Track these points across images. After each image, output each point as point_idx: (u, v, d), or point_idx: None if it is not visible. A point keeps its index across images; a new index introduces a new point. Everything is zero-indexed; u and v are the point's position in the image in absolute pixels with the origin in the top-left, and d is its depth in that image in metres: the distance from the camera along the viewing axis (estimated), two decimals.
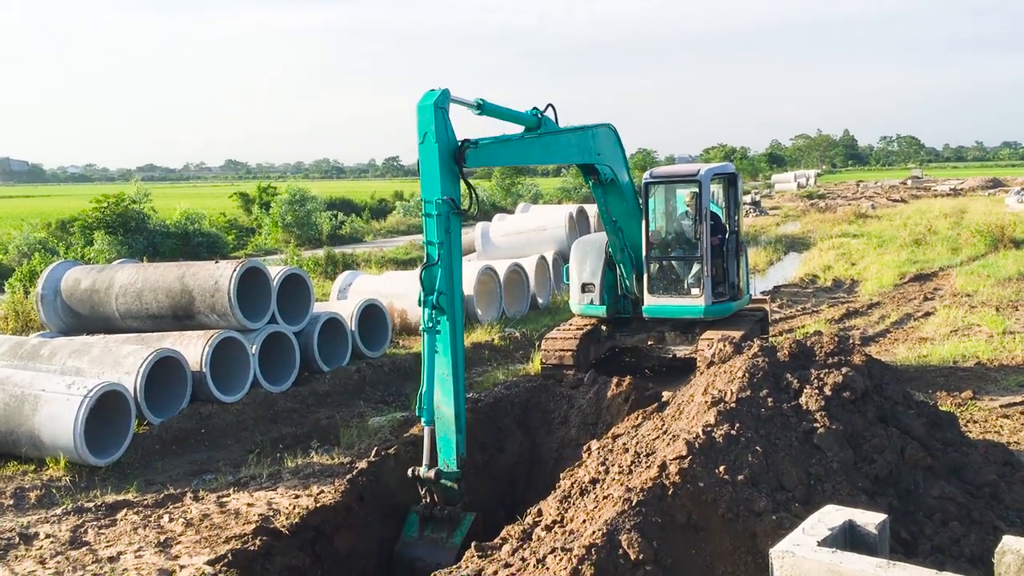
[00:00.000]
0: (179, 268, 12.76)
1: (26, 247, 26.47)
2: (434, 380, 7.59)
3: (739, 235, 12.58)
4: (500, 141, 8.84)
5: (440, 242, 7.63)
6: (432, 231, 7.68)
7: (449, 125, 7.73)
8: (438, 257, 7.64)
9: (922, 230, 30.70)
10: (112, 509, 8.35)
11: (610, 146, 11.23)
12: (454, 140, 7.74)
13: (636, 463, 5.90)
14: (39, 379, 10.11)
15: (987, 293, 17.80)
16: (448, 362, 7.58)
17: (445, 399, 7.53)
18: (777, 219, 44.17)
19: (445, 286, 7.64)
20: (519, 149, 9.46)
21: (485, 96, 8.75)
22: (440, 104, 7.58)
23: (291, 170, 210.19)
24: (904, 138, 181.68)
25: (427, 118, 7.56)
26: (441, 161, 7.60)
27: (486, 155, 8.38)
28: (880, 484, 5.58)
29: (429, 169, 7.66)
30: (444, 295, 7.64)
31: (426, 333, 7.63)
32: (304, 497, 8.32)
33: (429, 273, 7.66)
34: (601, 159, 10.98)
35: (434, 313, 7.62)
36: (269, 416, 11.73)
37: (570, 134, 10.47)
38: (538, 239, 21.61)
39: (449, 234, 7.65)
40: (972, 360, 12.38)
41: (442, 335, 7.62)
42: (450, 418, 7.47)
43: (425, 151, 7.65)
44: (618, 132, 11.49)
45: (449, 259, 7.68)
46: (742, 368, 6.33)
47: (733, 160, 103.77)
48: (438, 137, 7.56)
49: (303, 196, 36.56)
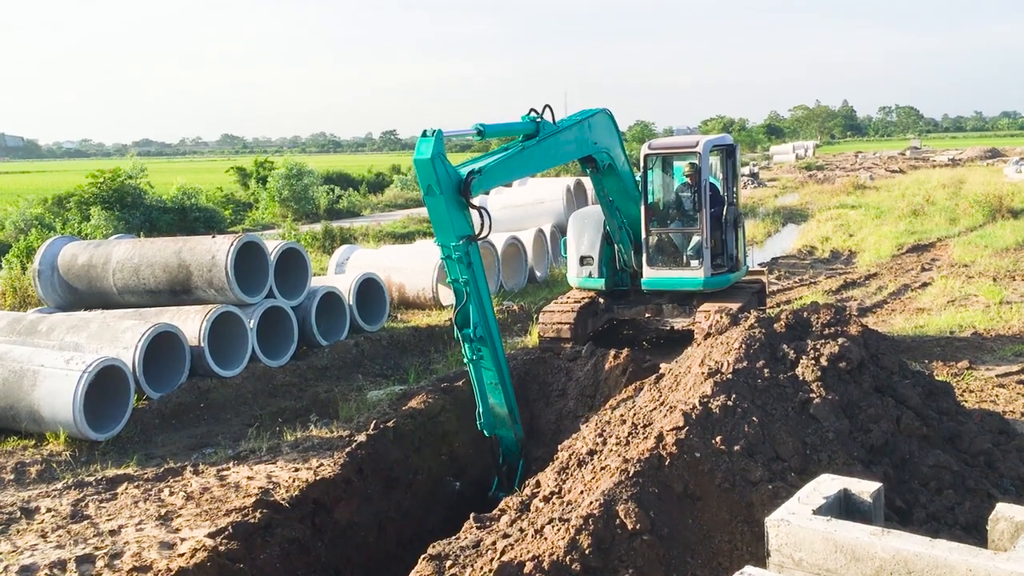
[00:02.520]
0: (176, 243, 12.74)
1: (23, 223, 26.38)
2: (487, 394, 8.18)
3: (737, 207, 12.55)
4: (501, 161, 8.82)
5: (465, 279, 7.84)
6: (454, 271, 7.87)
7: (449, 167, 7.74)
8: (466, 295, 7.85)
9: (920, 201, 30.67)
10: (112, 483, 8.39)
11: (606, 132, 11.18)
12: (456, 177, 7.74)
13: (633, 434, 5.93)
14: (38, 354, 10.13)
15: (984, 263, 17.82)
16: (495, 373, 8.10)
17: (498, 403, 8.16)
18: (775, 191, 44.08)
19: (479, 317, 7.92)
20: (520, 163, 9.40)
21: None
22: (437, 153, 7.53)
23: (288, 144, 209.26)
24: (903, 108, 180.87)
25: (427, 172, 7.53)
26: (449, 206, 7.65)
27: (490, 179, 8.49)
28: (876, 453, 5.61)
29: (439, 217, 7.73)
30: (480, 325, 7.91)
31: (471, 364, 8.09)
32: (304, 470, 8.36)
33: (463, 312, 7.92)
34: (598, 147, 10.94)
35: (475, 345, 7.99)
36: (268, 390, 11.76)
37: (567, 131, 10.40)
38: (536, 212, 21.59)
39: (471, 266, 7.82)
40: (969, 330, 12.41)
41: (486, 358, 8.05)
42: (506, 415, 8.22)
43: (432, 202, 7.69)
44: (613, 116, 11.42)
45: (476, 290, 7.90)
46: (739, 339, 6.35)
47: (731, 132, 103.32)
48: (442, 187, 7.55)
49: (300, 170, 36.40)
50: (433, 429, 8.75)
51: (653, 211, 12.22)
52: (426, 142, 7.50)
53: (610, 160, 11.27)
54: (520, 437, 8.48)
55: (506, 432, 8.38)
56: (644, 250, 12.17)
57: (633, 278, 12.53)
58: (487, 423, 8.23)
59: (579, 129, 10.59)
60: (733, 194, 12.51)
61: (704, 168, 11.80)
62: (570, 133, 10.41)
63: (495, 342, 8.09)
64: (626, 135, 41.05)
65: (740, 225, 12.67)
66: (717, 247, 12.17)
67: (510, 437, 8.41)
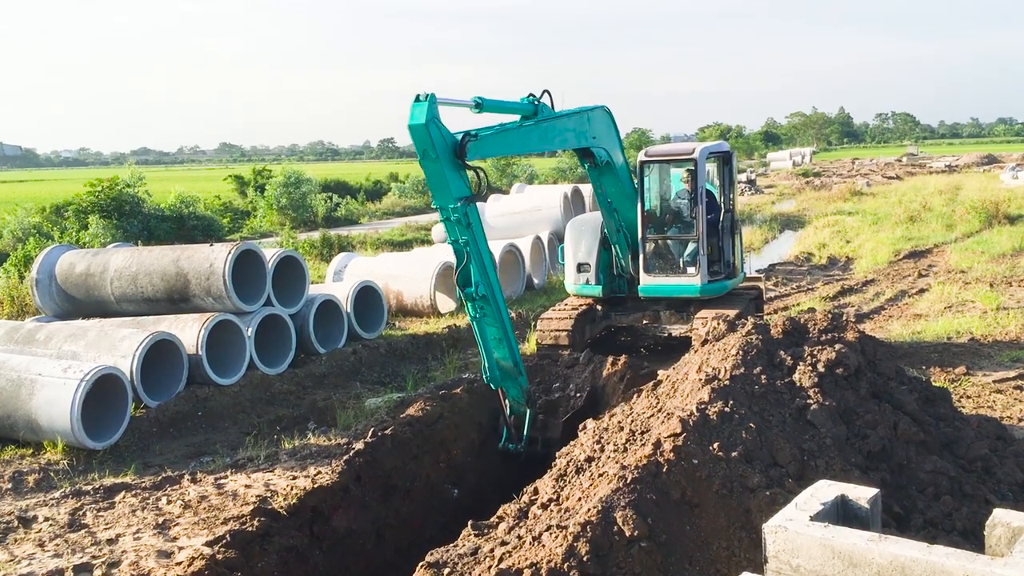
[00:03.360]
0: (174, 251, 12.75)
1: (20, 232, 26.40)
2: (491, 349, 8.41)
3: (733, 214, 12.57)
4: (498, 132, 8.94)
5: (464, 239, 7.97)
6: (454, 232, 7.99)
7: (444, 130, 7.79)
8: (467, 256, 8.00)
9: (917, 207, 30.72)
10: (110, 492, 8.38)
11: (605, 128, 11.21)
12: (451, 139, 7.82)
13: (631, 441, 5.93)
14: (35, 363, 10.12)
15: (981, 269, 17.85)
16: (499, 327, 8.37)
17: (503, 356, 8.42)
18: (772, 197, 44.14)
19: (480, 276, 8.07)
20: (517, 138, 9.49)
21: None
22: (431, 117, 7.59)
23: (286, 152, 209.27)
24: (899, 115, 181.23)
25: (422, 137, 7.59)
26: (446, 169, 7.74)
27: (485, 147, 8.51)
28: (873, 459, 5.62)
29: (437, 180, 7.81)
30: (481, 284, 8.08)
31: (474, 322, 8.31)
32: (301, 478, 8.36)
33: (463, 272, 8.08)
34: (596, 142, 10.97)
35: (477, 303, 8.17)
36: (266, 398, 11.75)
37: (566, 119, 10.48)
38: (533, 219, 21.60)
39: (470, 226, 7.94)
40: (966, 336, 12.43)
41: (489, 316, 8.28)
42: (511, 368, 8.51)
43: (428, 165, 7.76)
44: (612, 114, 11.47)
45: (476, 248, 8.04)
46: (736, 346, 6.36)
47: (728, 139, 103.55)
48: (438, 150, 7.63)
49: (298, 178, 36.41)
50: (431, 437, 8.73)
51: (650, 218, 12.24)
52: (419, 107, 7.58)
53: (608, 158, 11.30)
54: (526, 388, 8.74)
55: (511, 384, 8.60)
56: (641, 257, 12.19)
57: (631, 285, 12.54)
58: (492, 377, 8.46)
59: (578, 120, 10.67)
60: (730, 201, 12.54)
61: (700, 175, 11.83)
62: (569, 122, 10.50)
63: (497, 299, 8.27)
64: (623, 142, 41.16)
65: (737, 232, 12.69)
66: (714, 254, 12.18)
67: (516, 389, 8.65)
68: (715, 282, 12.08)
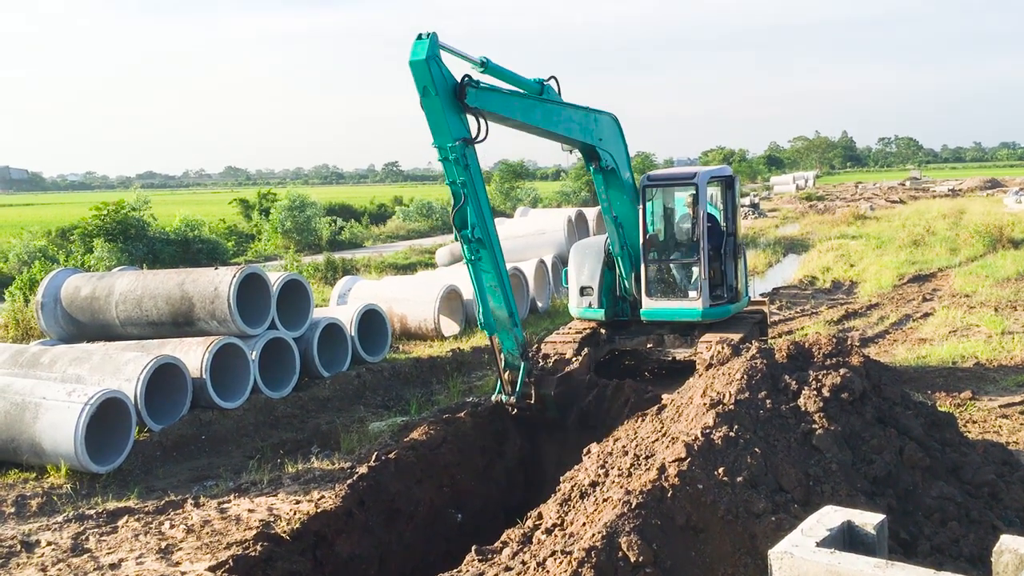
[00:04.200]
0: (179, 275, 12.78)
1: (26, 255, 26.50)
2: (487, 296, 8.66)
3: (736, 237, 12.58)
4: (504, 91, 9.32)
5: (462, 181, 8.23)
6: (452, 173, 8.25)
7: (444, 69, 8.08)
8: (464, 196, 8.28)
9: (921, 231, 30.72)
10: (113, 516, 8.36)
11: (612, 135, 11.28)
12: (452, 80, 8.10)
13: (635, 465, 5.91)
14: (40, 387, 10.13)
15: (986, 293, 17.82)
16: (494, 275, 8.59)
17: (498, 305, 8.66)
18: (776, 221, 44.20)
19: (477, 218, 8.34)
20: (521, 105, 9.71)
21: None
22: (431, 55, 7.87)
23: (291, 176, 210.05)
24: (902, 139, 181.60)
25: (423, 74, 7.87)
26: (444, 107, 8.00)
27: (487, 98, 8.75)
28: (879, 485, 5.59)
29: (436, 118, 8.08)
30: (478, 227, 8.34)
31: (470, 264, 8.59)
32: (305, 502, 8.33)
33: (460, 213, 8.36)
34: (603, 144, 11.05)
35: (473, 246, 8.45)
36: (269, 422, 11.74)
37: (572, 110, 10.65)
38: (537, 243, 21.64)
39: (468, 169, 8.21)
40: (971, 360, 12.40)
41: (485, 260, 8.53)
42: (505, 318, 8.73)
43: (428, 103, 8.02)
44: (620, 125, 11.49)
45: (474, 192, 8.32)
46: (740, 370, 6.35)
47: (731, 162, 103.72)
48: (438, 88, 7.89)
49: (303, 202, 36.57)
50: (435, 461, 8.70)
51: (652, 241, 12.25)
52: (420, 44, 7.86)
53: (614, 164, 11.37)
54: (521, 341, 8.91)
55: (506, 335, 8.80)
56: (643, 281, 12.20)
57: (634, 308, 12.54)
58: (487, 324, 8.73)
59: (585, 115, 10.81)
60: (733, 225, 12.55)
61: (701, 199, 11.85)
62: (575, 113, 10.68)
63: (493, 245, 8.49)
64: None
65: (740, 256, 12.68)
66: (716, 278, 12.18)
67: (511, 341, 8.82)
68: (717, 306, 12.07)
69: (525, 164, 71.14)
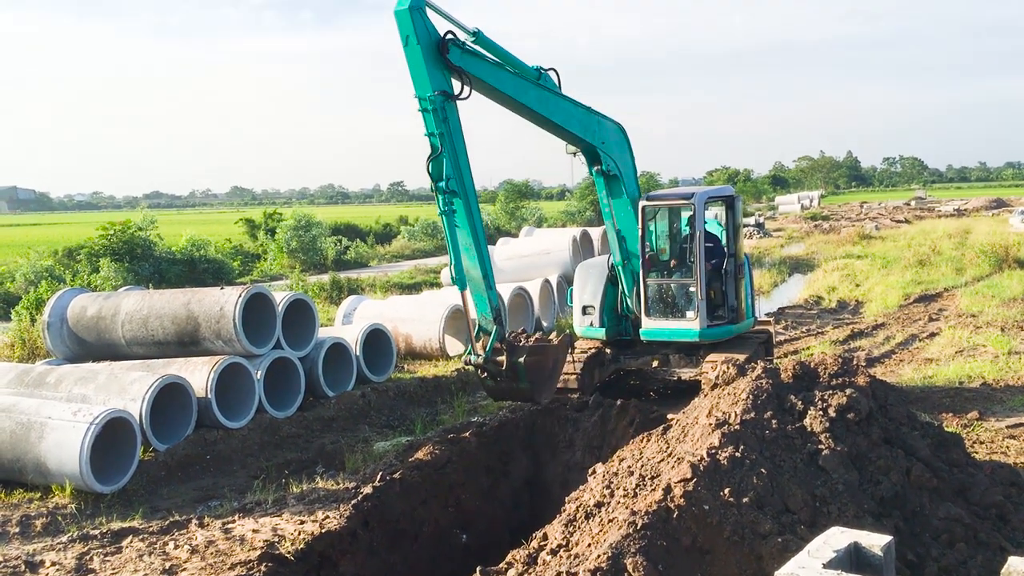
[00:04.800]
0: (185, 295, 12.81)
1: (33, 275, 26.57)
2: (460, 252, 8.59)
3: (737, 257, 12.52)
4: (496, 62, 9.52)
5: (440, 132, 8.39)
6: (431, 123, 8.42)
7: (428, 22, 8.29)
8: (441, 147, 8.41)
9: (926, 251, 30.70)
10: (117, 536, 8.34)
11: (618, 143, 11.27)
12: (436, 34, 8.33)
13: (641, 486, 5.89)
14: (45, 406, 10.14)
15: (992, 313, 17.77)
16: (469, 233, 8.58)
17: (472, 264, 8.62)
18: (781, 241, 44.19)
19: (452, 170, 8.44)
20: (511, 80, 9.89)
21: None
22: (415, 6, 8.09)
23: (296, 196, 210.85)
24: (907, 159, 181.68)
25: (405, 22, 8.07)
26: (427, 58, 8.24)
27: (471, 63, 8.89)
28: (886, 506, 5.56)
29: (417, 68, 8.31)
30: (453, 179, 8.43)
31: (444, 216, 8.59)
32: (309, 523, 8.31)
33: (436, 163, 8.46)
34: (606, 148, 11.03)
35: (447, 197, 8.49)
36: (274, 442, 11.73)
37: (573, 104, 10.71)
38: (542, 263, 21.66)
39: (447, 123, 8.39)
40: (978, 381, 12.35)
41: (459, 213, 8.53)
42: (479, 279, 8.70)
43: (410, 52, 8.22)
44: (627, 135, 11.47)
45: (452, 145, 8.44)
46: (746, 390, 6.33)
47: (736, 182, 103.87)
48: (419, 38, 8.11)
49: (308, 222, 36.70)
50: (440, 481, 8.69)
51: (652, 261, 12.27)
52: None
53: (617, 171, 11.36)
54: (495, 305, 8.89)
55: (480, 298, 8.79)
56: (643, 300, 12.20)
57: (636, 327, 12.52)
58: (459, 280, 8.67)
59: (587, 114, 10.85)
60: (735, 245, 12.49)
61: (699, 219, 11.80)
62: (576, 109, 10.78)
63: (470, 201, 8.55)
64: None
65: (742, 276, 12.62)
66: (717, 298, 12.14)
67: (484, 304, 8.81)
68: (716, 327, 12.00)
69: (530, 184, 71.38)
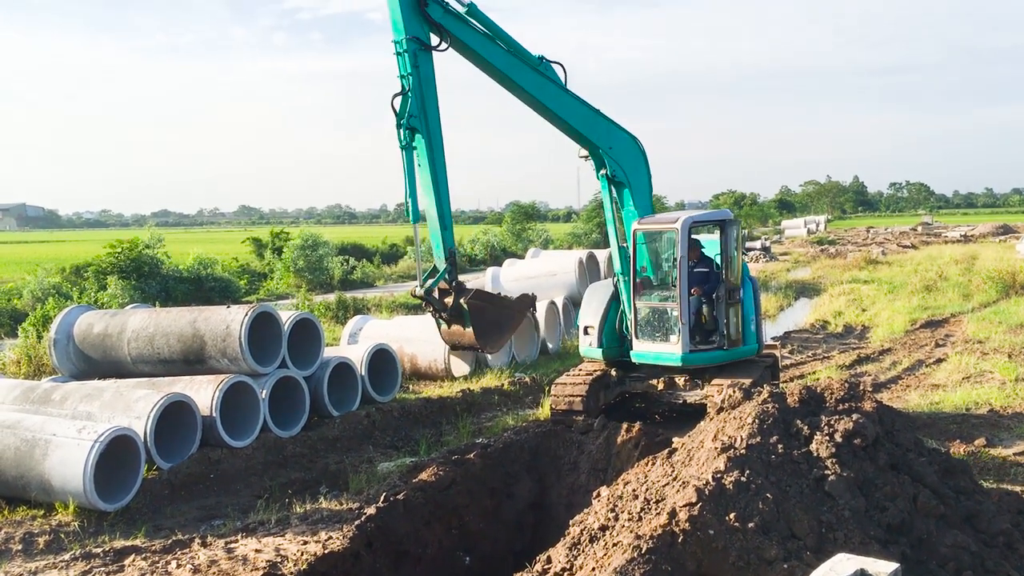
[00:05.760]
0: (191, 313, 12.84)
1: (40, 292, 26.66)
2: (416, 188, 9.14)
3: (731, 282, 12.19)
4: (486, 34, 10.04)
5: (408, 74, 9.08)
6: (401, 65, 9.13)
7: None
8: (408, 88, 9.07)
9: (933, 276, 30.63)
10: (120, 555, 8.32)
11: (628, 153, 11.32)
12: None
13: (646, 510, 5.86)
14: (50, 424, 10.14)
15: (999, 340, 17.70)
16: (429, 173, 9.10)
17: (430, 203, 9.17)
18: (787, 264, 44.17)
19: (416, 109, 9.09)
20: (503, 57, 10.30)
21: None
22: None
23: (304, 215, 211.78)
24: (913, 184, 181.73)
25: None
26: (403, 6, 9.01)
27: (459, 27, 9.69)
28: (892, 532, 5.53)
29: (394, 12, 9.06)
30: (415, 118, 9.07)
31: (404, 151, 9.19)
32: (312, 543, 8.28)
33: (403, 101, 9.11)
34: (613, 153, 11.12)
35: (408, 133, 9.12)
36: (278, 461, 11.70)
37: (575, 98, 11.05)
38: (548, 284, 21.69)
39: (417, 68, 9.10)
40: (985, 407, 12.29)
41: (420, 151, 9.13)
42: (435, 218, 9.26)
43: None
44: (643, 149, 11.42)
45: (419, 87, 9.11)
46: (752, 414, 6.31)
47: (743, 206, 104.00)
48: None
49: (315, 241, 36.81)
50: (444, 502, 8.66)
51: (643, 284, 12.29)
52: None
53: (624, 179, 11.40)
54: (448, 247, 9.44)
55: (435, 238, 9.37)
56: (633, 322, 12.20)
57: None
58: (413, 212, 9.21)
59: (594, 115, 11.14)
60: (732, 270, 12.22)
61: (682, 244, 11.71)
62: (581, 106, 11.03)
63: (433, 143, 9.10)
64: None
65: (737, 301, 12.29)
66: (709, 324, 12.07)
67: (438, 246, 9.40)
68: (702, 352, 11.93)
69: (537, 205, 71.55)
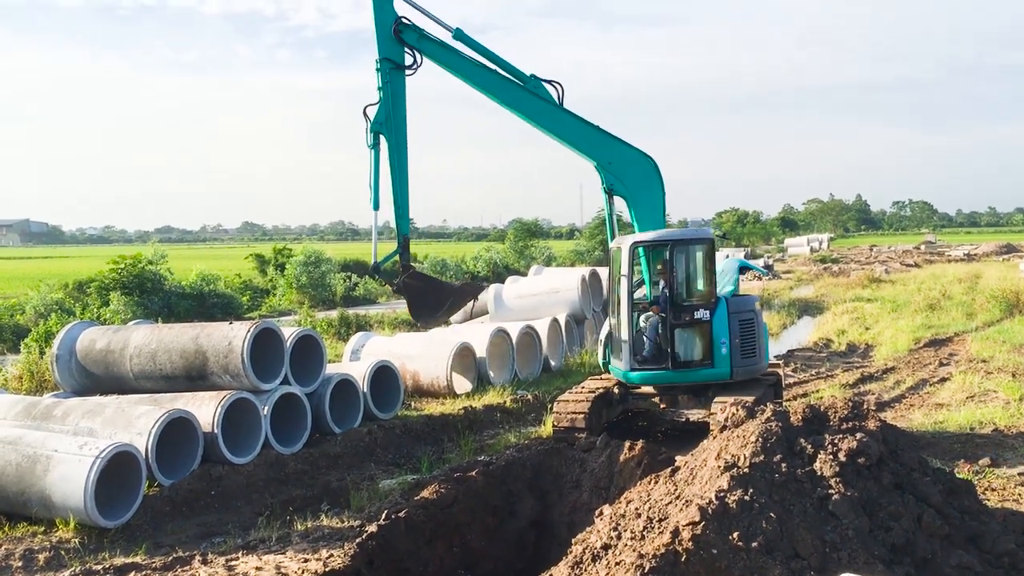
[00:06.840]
0: (193, 329, 12.84)
1: (43, 307, 26.68)
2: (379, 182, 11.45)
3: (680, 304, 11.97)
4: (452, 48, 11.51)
5: (381, 87, 11.17)
6: (378, 78, 11.20)
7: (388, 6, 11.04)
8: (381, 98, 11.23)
9: (936, 295, 30.60)
10: (120, 572, 8.28)
11: (636, 172, 11.39)
12: (392, 16, 11.02)
13: (648, 528, 5.84)
14: (51, 439, 10.13)
15: (1003, 359, 17.66)
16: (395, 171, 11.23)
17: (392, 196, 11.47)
18: (790, 283, 44.18)
19: (383, 117, 11.18)
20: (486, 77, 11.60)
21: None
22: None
23: (307, 232, 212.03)
24: (917, 203, 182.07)
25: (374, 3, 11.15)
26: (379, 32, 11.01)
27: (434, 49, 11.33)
28: (897, 552, 5.50)
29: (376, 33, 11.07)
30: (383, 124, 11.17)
31: (371, 150, 11.35)
32: (313, 561, 8.24)
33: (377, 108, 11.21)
34: (613, 168, 11.17)
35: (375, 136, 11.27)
36: (280, 478, 11.67)
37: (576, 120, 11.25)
38: (551, 301, 21.64)
39: (389, 83, 11.08)
40: (989, 427, 12.25)
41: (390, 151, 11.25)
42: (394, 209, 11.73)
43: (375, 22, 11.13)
44: (656, 168, 11.36)
45: (390, 100, 11.14)
46: (755, 433, 6.30)
47: (746, 224, 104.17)
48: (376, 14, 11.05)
49: (318, 258, 36.89)
50: (446, 520, 8.62)
51: (615, 302, 12.50)
52: None
53: (626, 195, 11.56)
54: (403, 234, 11.77)
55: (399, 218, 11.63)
56: (608, 336, 12.80)
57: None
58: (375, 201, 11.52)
59: (591, 131, 11.50)
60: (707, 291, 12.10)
61: (624, 264, 11.93)
62: (577, 123, 11.56)
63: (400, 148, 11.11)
64: None
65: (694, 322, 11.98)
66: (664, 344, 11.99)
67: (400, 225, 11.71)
68: (646, 371, 12.07)
69: (539, 223, 71.70)
